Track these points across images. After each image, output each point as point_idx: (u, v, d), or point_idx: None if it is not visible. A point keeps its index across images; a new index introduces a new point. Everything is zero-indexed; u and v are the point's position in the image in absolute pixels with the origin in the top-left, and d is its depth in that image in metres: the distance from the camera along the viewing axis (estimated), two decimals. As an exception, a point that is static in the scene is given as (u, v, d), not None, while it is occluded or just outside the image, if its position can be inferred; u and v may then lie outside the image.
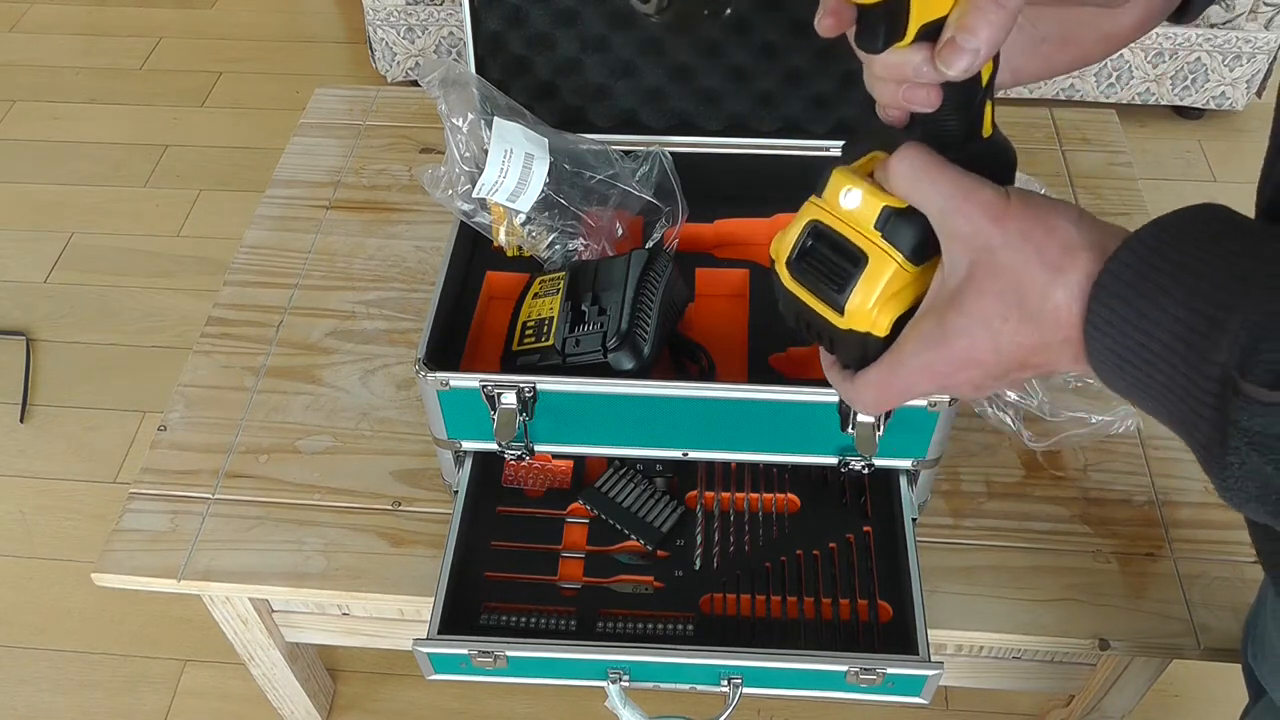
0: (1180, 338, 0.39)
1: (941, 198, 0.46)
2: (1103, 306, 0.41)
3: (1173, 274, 0.39)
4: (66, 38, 2.47)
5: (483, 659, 0.87)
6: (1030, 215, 0.44)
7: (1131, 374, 0.42)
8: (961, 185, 0.46)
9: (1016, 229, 0.44)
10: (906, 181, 0.48)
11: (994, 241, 0.45)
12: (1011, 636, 0.96)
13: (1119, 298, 0.41)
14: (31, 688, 1.44)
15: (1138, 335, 0.40)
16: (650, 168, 1.08)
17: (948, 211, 0.46)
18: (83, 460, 1.67)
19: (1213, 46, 1.97)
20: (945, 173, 0.47)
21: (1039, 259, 0.44)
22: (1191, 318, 0.38)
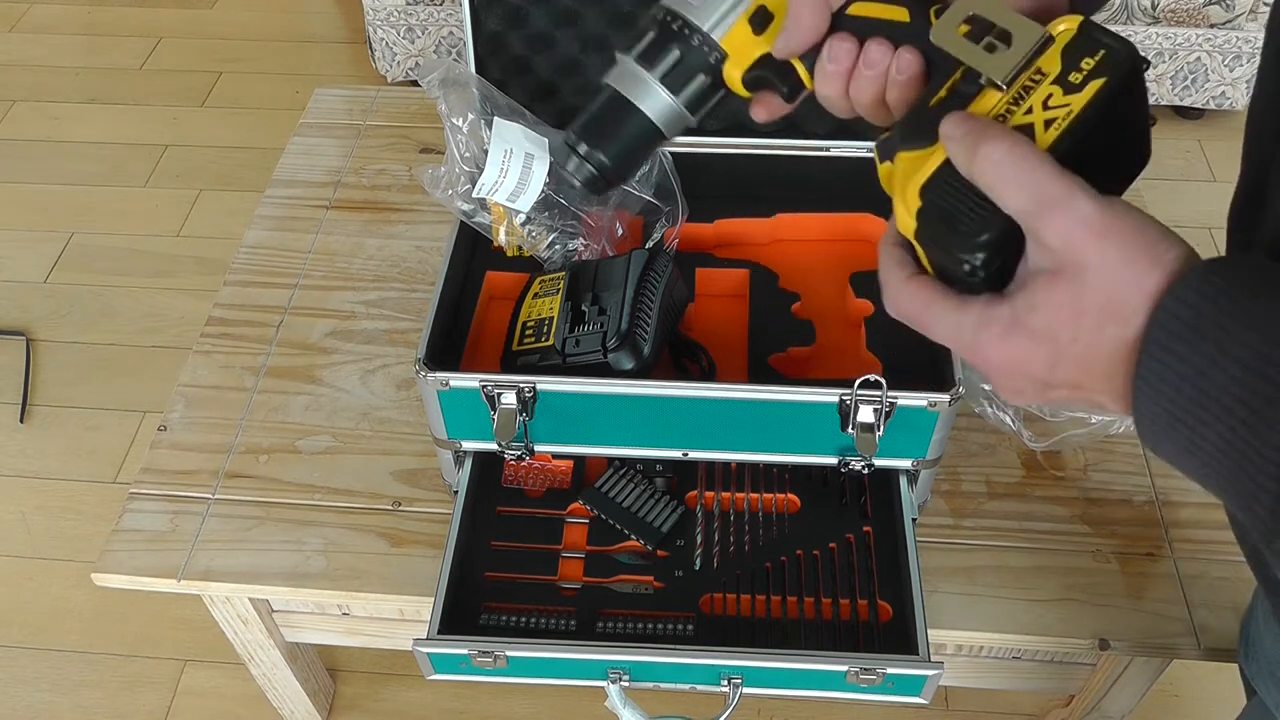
0: (1239, 399, 0.36)
1: (1034, 204, 0.42)
2: (1153, 359, 0.39)
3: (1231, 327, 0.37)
4: (66, 38, 2.47)
5: (483, 659, 0.87)
6: (1131, 233, 0.41)
7: (1181, 432, 0.39)
8: (1055, 193, 0.42)
9: (1116, 250, 0.40)
10: (991, 175, 0.43)
11: (1088, 257, 0.41)
12: (1011, 636, 0.96)
13: (1171, 351, 0.38)
14: (31, 688, 1.44)
15: (1192, 392, 0.37)
16: (650, 168, 1.08)
17: (1039, 219, 0.42)
18: (83, 460, 1.67)
19: (1213, 46, 1.97)
20: (1038, 173, 0.42)
21: (1135, 284, 0.40)
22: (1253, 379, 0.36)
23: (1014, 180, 0.43)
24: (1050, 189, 0.42)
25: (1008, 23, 0.48)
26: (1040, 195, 0.42)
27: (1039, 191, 0.42)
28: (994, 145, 0.43)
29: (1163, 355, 0.38)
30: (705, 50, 0.55)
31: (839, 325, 1.05)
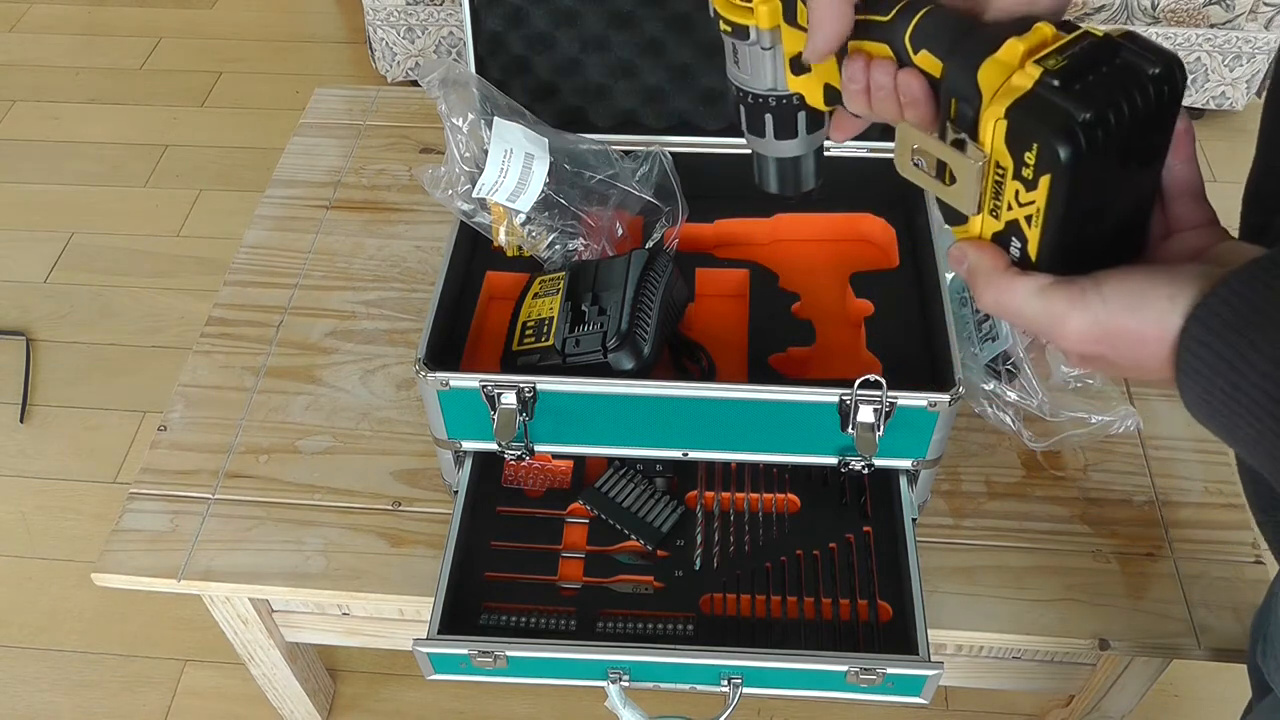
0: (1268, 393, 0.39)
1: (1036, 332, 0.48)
2: (1190, 354, 0.42)
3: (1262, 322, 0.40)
4: (66, 38, 2.47)
5: (483, 659, 0.87)
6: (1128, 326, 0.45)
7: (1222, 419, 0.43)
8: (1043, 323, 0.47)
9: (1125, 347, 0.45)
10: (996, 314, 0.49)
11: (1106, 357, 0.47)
12: (1011, 636, 0.96)
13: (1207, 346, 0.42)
14: (31, 688, 1.44)
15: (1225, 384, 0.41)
16: (650, 168, 1.08)
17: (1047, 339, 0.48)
18: (83, 460, 1.67)
19: (1213, 46, 1.97)
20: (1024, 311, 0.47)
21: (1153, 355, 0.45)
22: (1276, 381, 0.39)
23: (1013, 319, 0.48)
24: (1041, 321, 0.47)
25: (944, 156, 0.51)
26: (1037, 327, 0.47)
27: (1034, 325, 0.47)
28: (981, 298, 0.49)
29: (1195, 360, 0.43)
30: (785, 101, 0.65)
31: (839, 325, 1.05)
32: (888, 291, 1.04)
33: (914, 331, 1.01)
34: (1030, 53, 0.47)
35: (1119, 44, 0.47)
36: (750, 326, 1.03)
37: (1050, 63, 0.46)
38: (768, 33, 0.61)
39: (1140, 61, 0.46)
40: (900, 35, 0.54)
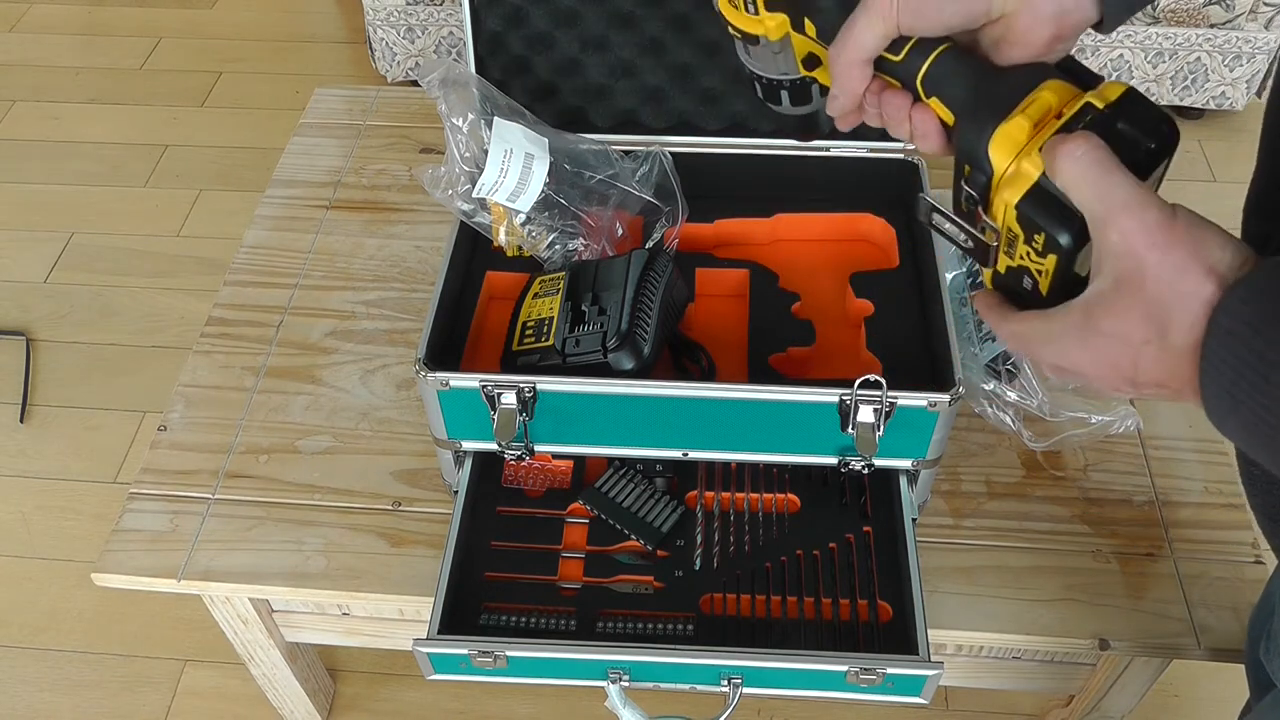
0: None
1: (1102, 206, 0.46)
2: (1220, 345, 0.42)
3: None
4: (66, 38, 2.47)
5: (483, 659, 0.87)
6: (1190, 244, 0.44)
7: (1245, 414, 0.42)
8: (1123, 198, 0.45)
9: (1174, 260, 0.44)
10: (1069, 179, 0.47)
11: (1147, 265, 0.44)
12: (1011, 636, 0.96)
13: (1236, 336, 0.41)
14: (31, 688, 1.44)
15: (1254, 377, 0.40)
16: (650, 168, 1.08)
17: (1105, 221, 0.46)
18: (83, 460, 1.67)
19: (1213, 46, 1.97)
20: (1110, 178, 0.46)
21: (1191, 294, 0.43)
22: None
23: (1087, 179, 0.46)
24: (1119, 194, 0.45)
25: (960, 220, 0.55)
26: (1110, 197, 0.46)
27: (1109, 194, 0.46)
28: (1076, 143, 0.47)
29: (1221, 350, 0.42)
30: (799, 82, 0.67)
31: (839, 325, 1.05)
32: (888, 291, 1.04)
33: (914, 331, 1.01)
34: (1037, 126, 0.51)
35: (1119, 115, 0.50)
36: (750, 326, 1.03)
37: None
38: (777, 41, 0.63)
39: (1138, 136, 0.50)
40: (913, 77, 0.56)
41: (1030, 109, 0.51)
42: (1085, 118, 0.50)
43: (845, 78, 0.57)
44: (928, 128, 0.55)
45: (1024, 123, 0.51)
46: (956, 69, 0.55)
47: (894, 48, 0.56)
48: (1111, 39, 1.98)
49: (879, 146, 1.09)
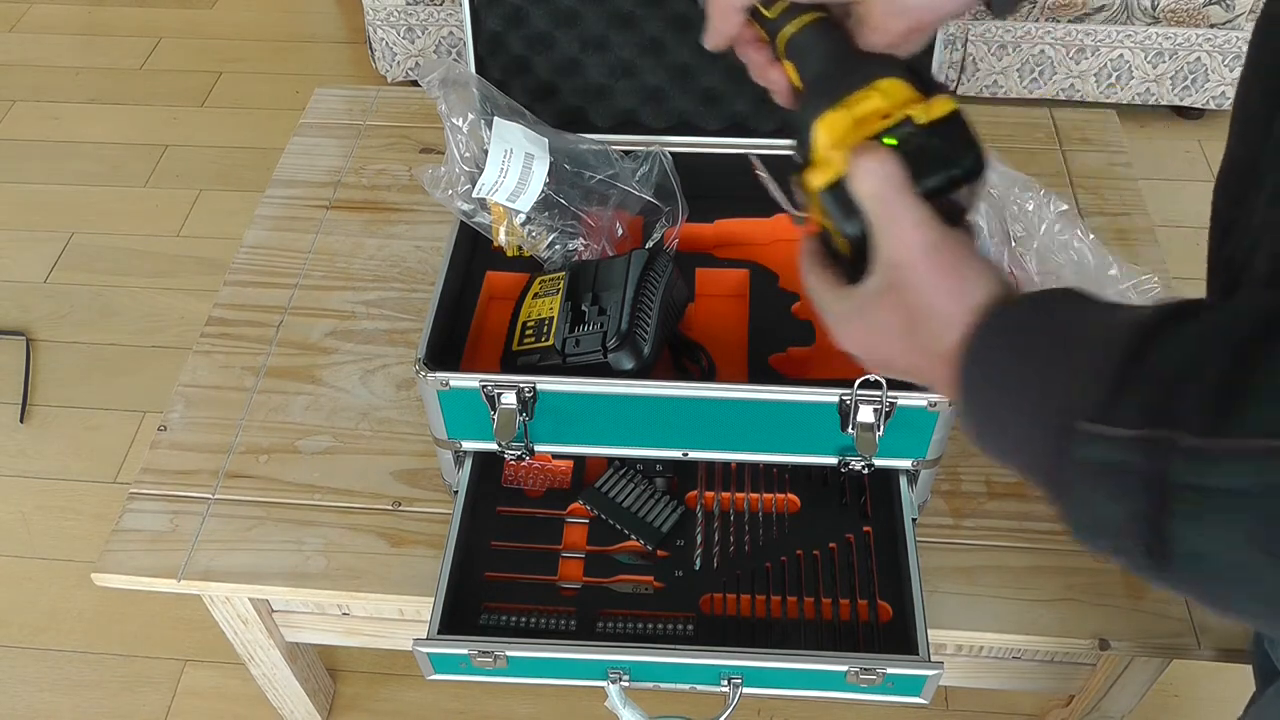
0: (1032, 386, 0.45)
1: (884, 219, 0.51)
2: (974, 365, 0.48)
3: (1024, 341, 0.46)
4: (66, 38, 2.47)
5: (483, 659, 0.87)
6: (949, 271, 0.50)
7: (992, 422, 0.48)
8: (902, 217, 0.51)
9: (933, 282, 0.50)
10: (861, 191, 0.52)
11: (909, 280, 0.51)
12: (1011, 636, 0.96)
13: (987, 359, 0.48)
14: (31, 688, 1.44)
15: (997, 388, 0.47)
16: (650, 168, 1.08)
17: (884, 233, 0.51)
18: (83, 460, 1.67)
19: (1213, 46, 1.97)
20: (897, 198, 0.51)
21: (940, 314, 0.50)
22: (1043, 368, 0.45)
23: (876, 195, 0.51)
24: (899, 213, 0.51)
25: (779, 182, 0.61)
26: (891, 213, 0.51)
27: (891, 211, 0.51)
28: (873, 161, 0.51)
29: (973, 366, 0.48)
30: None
31: (839, 325, 1.05)
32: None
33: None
34: (859, 123, 0.54)
35: (934, 134, 0.53)
36: (750, 326, 1.03)
37: None
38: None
39: (943, 160, 0.53)
40: (777, 37, 0.59)
41: (858, 105, 0.54)
42: (903, 129, 0.53)
43: (719, 19, 0.61)
44: (780, 87, 0.58)
45: (847, 117, 0.54)
46: (817, 41, 0.58)
47: (768, 2, 0.59)
48: (1112, 39, 1.98)
49: (879, 146, 1.09)
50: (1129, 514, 0.39)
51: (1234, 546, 0.36)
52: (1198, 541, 0.37)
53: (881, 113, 0.54)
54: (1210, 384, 0.37)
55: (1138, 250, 1.25)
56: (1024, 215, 1.12)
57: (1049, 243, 1.11)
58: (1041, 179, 1.16)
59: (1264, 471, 0.34)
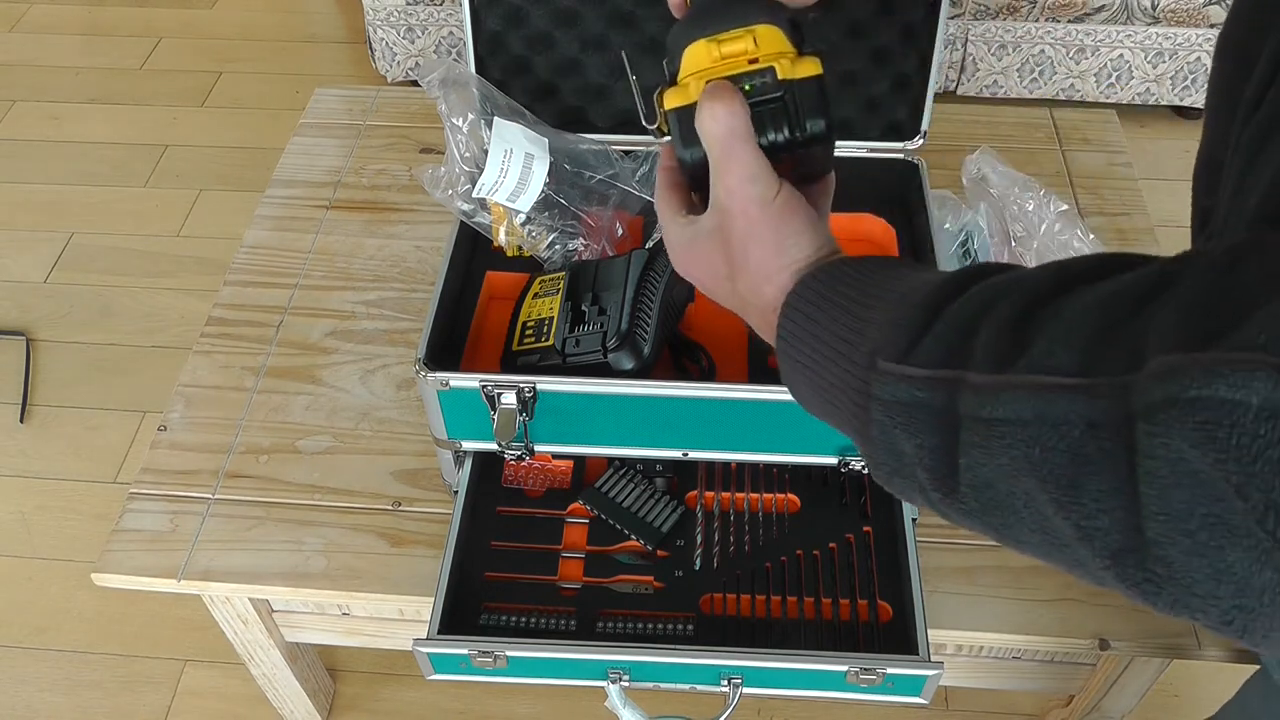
0: (840, 337, 0.47)
1: (722, 165, 0.52)
2: (787, 321, 0.50)
3: (836, 297, 0.49)
4: (66, 38, 2.47)
5: (483, 659, 0.87)
6: (772, 226, 0.52)
7: (808, 374, 0.49)
8: (738, 168, 0.52)
9: (755, 233, 0.52)
10: (704, 130, 0.53)
11: (734, 228, 0.53)
12: (1011, 636, 0.96)
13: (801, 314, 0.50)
14: (31, 688, 1.44)
15: (811, 341, 0.49)
16: (650, 168, 1.08)
17: (719, 178, 0.53)
18: (83, 460, 1.67)
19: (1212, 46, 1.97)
20: (737, 146, 0.52)
21: (756, 265, 0.52)
22: (849, 320, 0.47)
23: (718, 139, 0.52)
24: (736, 162, 0.52)
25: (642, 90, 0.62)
26: (729, 161, 0.52)
27: (730, 158, 0.52)
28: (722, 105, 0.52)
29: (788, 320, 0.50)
30: None
31: (839, 325, 1.05)
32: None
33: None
34: (725, 58, 0.55)
35: (791, 91, 0.54)
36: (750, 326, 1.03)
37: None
38: None
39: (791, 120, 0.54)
40: None
41: (728, 43, 0.55)
42: (762, 79, 0.54)
43: None
44: (675, 1, 0.59)
45: (714, 50, 0.55)
46: None
47: None
48: (1112, 39, 1.98)
49: (879, 146, 1.09)
50: (922, 447, 0.42)
51: (1014, 474, 0.38)
52: (982, 471, 0.40)
53: (749, 56, 0.54)
54: (1001, 327, 0.40)
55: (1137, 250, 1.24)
56: (1024, 215, 1.12)
57: (1049, 243, 1.11)
58: (1041, 179, 1.16)
59: (1039, 402, 0.37)
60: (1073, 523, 0.37)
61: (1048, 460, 0.36)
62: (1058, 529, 0.38)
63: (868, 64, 1.06)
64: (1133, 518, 0.35)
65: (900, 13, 1.04)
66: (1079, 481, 0.36)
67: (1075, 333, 0.37)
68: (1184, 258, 0.37)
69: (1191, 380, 0.32)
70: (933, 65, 1.05)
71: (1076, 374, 0.36)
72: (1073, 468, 0.36)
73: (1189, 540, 0.33)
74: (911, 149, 1.09)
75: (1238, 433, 0.31)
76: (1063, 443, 0.36)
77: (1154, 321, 0.35)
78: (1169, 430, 0.32)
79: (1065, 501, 0.36)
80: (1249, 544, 0.32)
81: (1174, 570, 0.34)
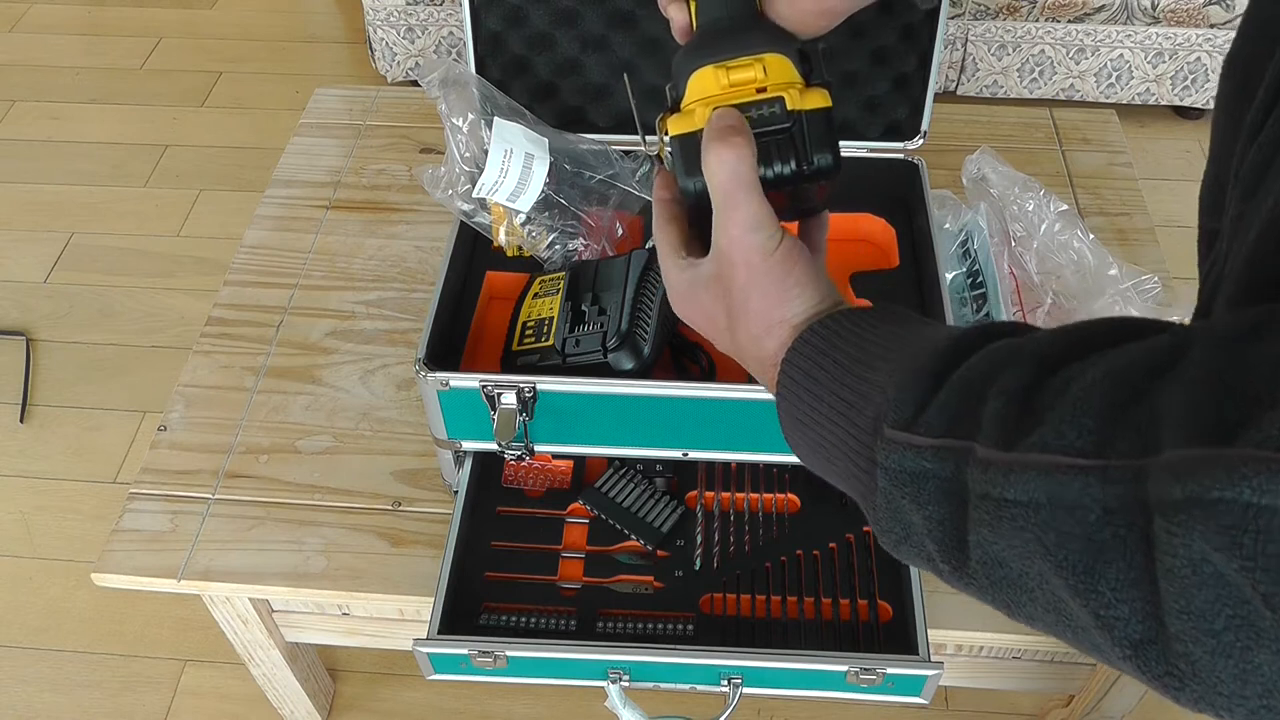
0: (842, 398, 0.46)
1: (725, 210, 0.50)
2: (787, 378, 0.49)
3: (838, 354, 0.47)
4: (66, 38, 2.47)
5: (483, 659, 0.87)
6: (773, 280, 0.50)
7: (808, 433, 0.48)
8: (742, 215, 0.50)
9: (756, 286, 0.50)
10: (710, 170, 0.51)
11: (735, 279, 0.51)
12: (1012, 636, 0.96)
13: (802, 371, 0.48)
14: (31, 688, 1.44)
15: (811, 400, 0.47)
16: (650, 168, 1.08)
17: (721, 225, 0.51)
18: (83, 460, 1.67)
19: (1213, 46, 1.97)
20: (741, 192, 0.50)
21: (756, 317, 0.51)
22: (856, 383, 0.45)
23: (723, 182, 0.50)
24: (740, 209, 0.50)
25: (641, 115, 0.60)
26: (732, 207, 0.50)
27: (734, 203, 0.50)
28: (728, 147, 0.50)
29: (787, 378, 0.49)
30: None
31: (839, 325, 1.05)
32: (888, 291, 1.04)
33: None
34: (734, 86, 0.53)
35: (800, 124, 0.53)
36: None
37: None
38: None
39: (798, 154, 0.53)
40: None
41: (737, 70, 0.53)
42: (770, 109, 0.53)
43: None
44: (679, 24, 0.57)
45: (723, 78, 0.53)
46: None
47: None
48: (1112, 39, 1.98)
49: (879, 146, 1.09)
50: (931, 519, 0.41)
51: (1027, 556, 0.37)
52: (993, 549, 0.38)
53: (758, 85, 0.53)
54: (1010, 398, 0.38)
55: (1138, 250, 1.25)
56: (1024, 215, 1.12)
57: (1049, 243, 1.11)
58: (1041, 179, 1.16)
59: (1051, 485, 0.35)
60: (1090, 610, 0.35)
61: (1063, 546, 0.35)
62: (1074, 614, 0.36)
63: (868, 64, 1.06)
64: (1153, 609, 0.33)
65: (900, 13, 1.04)
66: (1096, 569, 0.34)
67: (1086, 409, 0.35)
68: (1197, 329, 0.35)
69: (1214, 481, 0.30)
70: (933, 65, 1.05)
71: (1089, 455, 0.34)
72: (1089, 555, 0.34)
73: (1213, 640, 0.31)
74: (911, 149, 1.09)
75: (1264, 540, 0.29)
76: (1078, 528, 0.34)
77: (1167, 399, 0.33)
78: (1190, 531, 0.31)
79: (1082, 589, 0.35)
80: (1277, 648, 0.30)
81: (1198, 668, 0.32)
